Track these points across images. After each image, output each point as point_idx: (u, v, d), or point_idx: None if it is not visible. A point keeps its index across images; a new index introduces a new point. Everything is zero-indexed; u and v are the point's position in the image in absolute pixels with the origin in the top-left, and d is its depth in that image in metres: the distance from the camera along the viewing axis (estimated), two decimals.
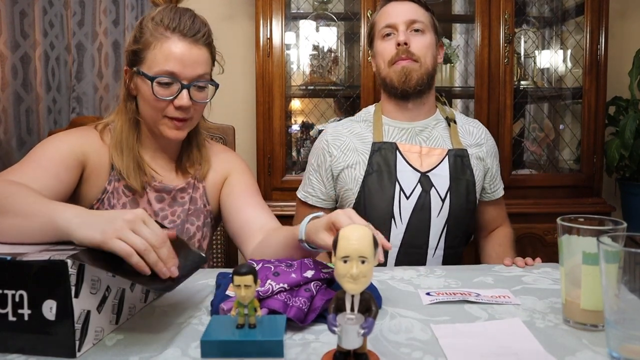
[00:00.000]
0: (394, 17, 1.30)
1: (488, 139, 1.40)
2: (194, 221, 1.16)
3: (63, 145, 1.04)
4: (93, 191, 1.08)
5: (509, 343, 0.70)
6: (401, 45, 1.27)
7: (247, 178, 1.21)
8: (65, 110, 2.23)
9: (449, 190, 1.27)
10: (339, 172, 1.32)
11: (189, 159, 1.17)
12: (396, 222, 1.26)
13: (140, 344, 0.70)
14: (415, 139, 1.32)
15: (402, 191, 1.26)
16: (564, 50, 2.32)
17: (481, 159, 1.35)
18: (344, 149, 1.32)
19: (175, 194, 1.14)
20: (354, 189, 1.29)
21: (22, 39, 2.12)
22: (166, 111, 1.04)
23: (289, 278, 0.77)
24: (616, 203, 2.32)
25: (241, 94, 2.36)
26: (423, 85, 1.29)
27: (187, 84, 1.02)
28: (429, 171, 1.28)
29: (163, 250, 0.71)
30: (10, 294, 0.65)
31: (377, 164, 1.28)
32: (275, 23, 2.03)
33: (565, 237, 0.76)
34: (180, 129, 1.07)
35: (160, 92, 1.01)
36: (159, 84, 1.01)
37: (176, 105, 1.03)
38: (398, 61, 1.28)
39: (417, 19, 1.29)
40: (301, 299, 0.75)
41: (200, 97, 1.06)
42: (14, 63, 2.11)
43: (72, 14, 2.18)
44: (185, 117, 1.05)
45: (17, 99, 2.12)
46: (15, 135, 2.12)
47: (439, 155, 1.30)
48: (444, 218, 1.28)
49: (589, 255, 0.72)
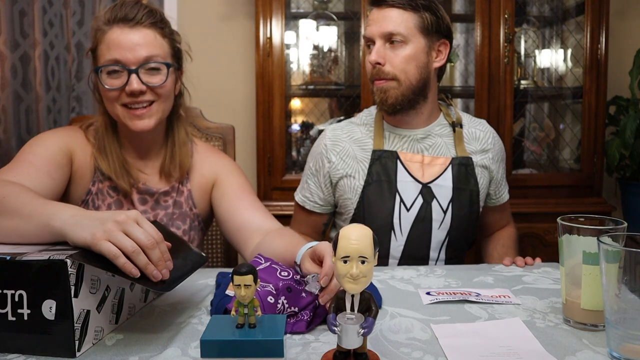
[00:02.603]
0: (371, 29, 1.20)
1: (495, 142, 1.32)
2: (180, 225, 1.15)
3: (52, 144, 1.04)
4: (78, 191, 1.08)
5: (509, 343, 0.70)
6: (373, 66, 1.20)
7: (238, 178, 1.19)
8: (65, 109, 2.23)
9: (451, 202, 1.23)
10: (338, 179, 1.27)
11: (172, 161, 1.14)
12: (396, 233, 1.23)
13: (140, 344, 0.70)
14: (417, 147, 1.26)
15: (402, 203, 1.22)
16: (565, 50, 2.31)
17: (486, 167, 1.29)
18: (344, 155, 1.27)
19: (158, 197, 1.13)
20: (353, 198, 1.25)
21: (21, 38, 2.12)
22: (121, 100, 1.03)
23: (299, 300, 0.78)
24: (616, 203, 2.32)
25: (241, 93, 2.36)
26: (404, 103, 1.20)
27: (133, 69, 1.01)
28: (430, 182, 1.23)
29: (155, 252, 0.70)
30: (9, 293, 0.65)
31: (377, 173, 1.23)
32: (275, 22, 2.03)
33: (565, 236, 0.76)
34: (143, 117, 1.04)
35: (109, 82, 1.02)
36: (107, 74, 1.02)
37: (127, 92, 1.02)
38: (374, 81, 1.22)
39: (395, 31, 1.17)
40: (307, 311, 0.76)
41: (155, 81, 1.04)
42: (14, 62, 2.11)
43: (72, 14, 2.17)
44: (141, 100, 1.03)
45: (16, 98, 2.12)
46: (15, 134, 2.12)
47: (441, 164, 1.24)
48: (446, 230, 1.24)
49: (590, 255, 0.72)
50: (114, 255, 0.67)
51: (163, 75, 1.05)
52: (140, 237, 0.69)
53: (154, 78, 1.04)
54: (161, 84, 1.04)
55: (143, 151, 1.13)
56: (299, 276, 0.83)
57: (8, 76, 2.09)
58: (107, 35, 1.02)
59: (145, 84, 1.02)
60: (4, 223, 0.78)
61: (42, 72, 2.13)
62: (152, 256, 0.69)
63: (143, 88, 1.02)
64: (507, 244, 1.37)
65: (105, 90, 1.03)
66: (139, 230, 0.70)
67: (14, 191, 0.83)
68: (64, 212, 0.74)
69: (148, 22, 1.04)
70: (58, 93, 2.21)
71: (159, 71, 1.04)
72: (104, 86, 1.02)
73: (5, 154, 2.08)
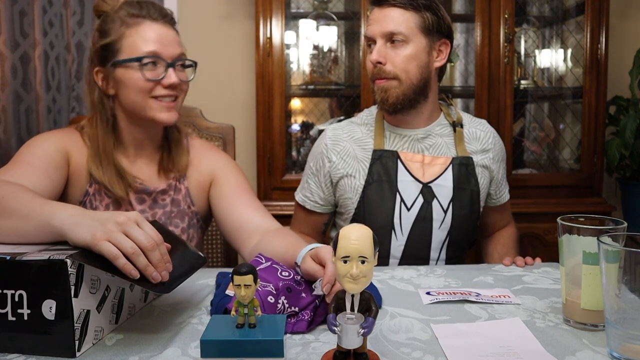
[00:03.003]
0: (372, 28, 1.21)
1: (496, 142, 1.33)
2: (178, 223, 1.15)
3: (49, 145, 1.04)
4: (76, 192, 1.08)
5: (509, 343, 0.70)
6: (375, 65, 1.21)
7: (236, 176, 1.18)
8: (65, 109, 2.23)
9: (451, 201, 1.23)
10: (338, 179, 1.27)
11: (170, 158, 1.15)
12: (396, 233, 1.23)
13: (140, 344, 0.70)
14: (418, 147, 1.26)
15: (402, 202, 1.22)
16: (565, 50, 2.32)
17: (487, 167, 1.29)
18: (344, 155, 1.27)
19: (156, 195, 1.13)
20: (353, 198, 1.25)
21: (21, 38, 2.12)
22: (155, 92, 1.05)
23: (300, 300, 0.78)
24: (617, 203, 2.32)
25: (241, 93, 2.36)
26: (405, 102, 1.21)
27: (171, 62, 1.05)
28: (431, 182, 1.23)
29: (155, 253, 0.70)
30: (9, 293, 0.65)
31: (378, 173, 1.23)
32: (275, 22, 2.03)
33: (565, 236, 0.76)
34: (172, 109, 1.07)
35: (148, 74, 1.03)
36: (145, 66, 1.03)
37: (166, 84, 1.04)
38: (375, 80, 1.23)
39: (396, 31, 1.17)
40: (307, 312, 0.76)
41: (184, 76, 1.09)
42: (14, 62, 2.11)
43: (72, 14, 2.17)
44: (173, 94, 1.07)
45: (16, 98, 2.12)
46: (15, 134, 2.12)
47: (442, 164, 1.24)
48: (446, 229, 1.24)
49: (589, 255, 0.72)
50: (114, 256, 0.67)
51: (190, 72, 1.12)
52: (140, 238, 0.69)
53: (184, 74, 1.10)
54: (188, 80, 1.11)
55: (140, 151, 1.13)
56: (300, 277, 0.83)
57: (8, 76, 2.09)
58: (143, 28, 1.03)
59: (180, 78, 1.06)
60: (3, 223, 0.78)
61: (42, 72, 2.13)
62: (151, 258, 0.69)
63: (179, 81, 1.06)
64: (507, 244, 1.37)
65: (144, 82, 1.03)
66: (139, 232, 0.70)
67: (12, 191, 0.83)
68: (63, 212, 0.74)
69: (172, 23, 1.09)
70: (58, 93, 2.21)
71: (187, 68, 1.10)
72: (144, 76, 1.02)
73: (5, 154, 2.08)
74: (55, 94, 2.20)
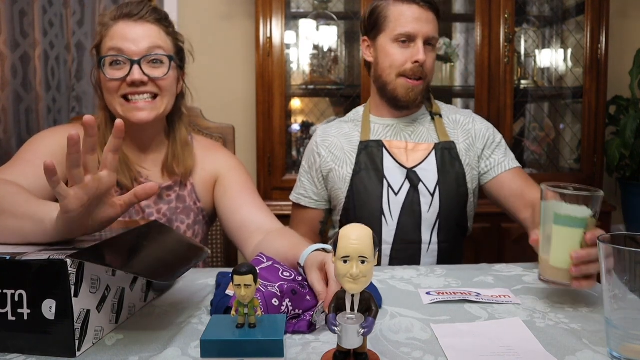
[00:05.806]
0: (415, 28, 1.22)
1: (476, 120, 1.34)
2: (184, 219, 1.15)
3: (51, 142, 1.04)
4: None
5: (509, 343, 0.70)
6: (418, 64, 1.23)
7: (240, 175, 1.19)
8: (65, 109, 2.23)
9: (437, 185, 1.26)
10: (328, 172, 1.32)
11: (175, 158, 1.15)
12: (387, 219, 1.26)
13: (140, 344, 0.70)
14: (401, 135, 1.32)
15: (390, 188, 1.26)
16: (565, 50, 2.32)
17: (469, 147, 1.30)
18: (332, 148, 1.32)
19: (161, 191, 1.14)
20: (342, 188, 1.29)
21: (21, 38, 2.12)
22: (122, 91, 1.04)
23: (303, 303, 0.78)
24: (617, 203, 2.32)
25: (241, 93, 2.36)
26: (421, 101, 1.30)
27: (136, 59, 1.03)
28: (415, 167, 1.27)
29: None
30: (9, 293, 0.65)
31: (364, 162, 1.28)
32: (275, 22, 2.03)
33: (544, 201, 0.83)
34: (143, 109, 1.05)
35: (111, 73, 1.03)
36: (109, 65, 1.03)
37: (129, 82, 1.03)
38: (409, 79, 1.25)
39: (434, 35, 1.25)
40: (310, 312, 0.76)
41: (157, 73, 1.05)
42: (14, 62, 2.11)
43: (72, 13, 2.17)
44: (142, 92, 1.04)
45: (16, 98, 2.12)
46: (15, 134, 2.12)
47: (425, 150, 1.29)
48: (435, 213, 1.26)
49: (559, 217, 0.80)
50: None
51: (165, 68, 1.06)
52: None
53: (156, 70, 1.06)
54: (163, 76, 1.06)
55: (143, 146, 1.14)
56: (301, 278, 0.83)
57: (8, 76, 2.10)
58: (112, 29, 1.04)
59: (147, 75, 1.04)
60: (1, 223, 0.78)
61: (42, 72, 2.13)
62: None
63: (144, 79, 1.03)
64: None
65: (106, 81, 1.04)
66: None
67: (9, 192, 0.84)
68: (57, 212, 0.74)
69: (152, 18, 1.07)
70: (58, 93, 2.21)
71: (161, 64, 1.06)
72: (106, 76, 1.03)
73: (5, 154, 2.08)
74: (55, 94, 2.20)
